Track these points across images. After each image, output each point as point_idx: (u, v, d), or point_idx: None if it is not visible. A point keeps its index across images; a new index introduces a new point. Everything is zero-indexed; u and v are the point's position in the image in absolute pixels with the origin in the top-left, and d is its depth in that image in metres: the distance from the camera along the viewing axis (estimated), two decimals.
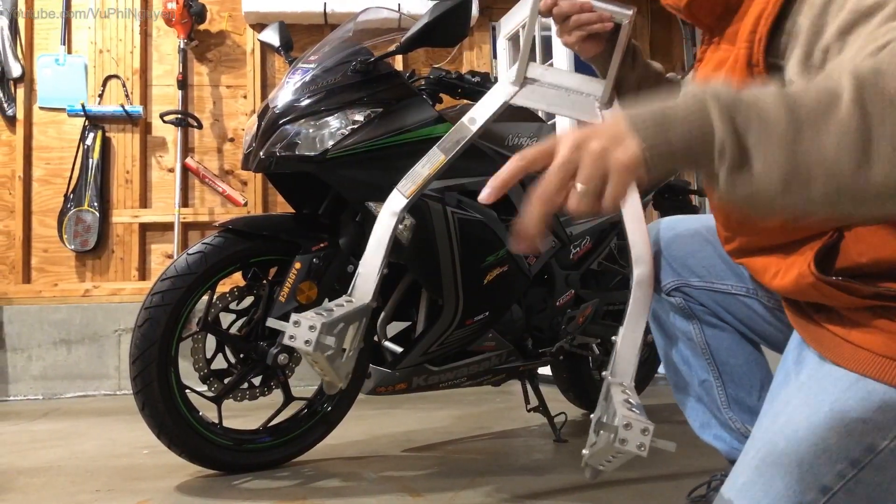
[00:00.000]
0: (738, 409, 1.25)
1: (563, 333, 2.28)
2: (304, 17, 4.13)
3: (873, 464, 0.80)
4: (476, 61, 4.39)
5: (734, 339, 1.25)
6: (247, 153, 1.87)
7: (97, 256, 4.03)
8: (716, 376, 1.26)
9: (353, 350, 0.99)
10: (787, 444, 0.84)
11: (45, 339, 3.82)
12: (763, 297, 1.18)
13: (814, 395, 0.86)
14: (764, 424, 0.92)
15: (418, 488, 1.63)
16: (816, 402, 0.85)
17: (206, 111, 4.19)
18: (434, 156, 1.07)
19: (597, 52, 0.95)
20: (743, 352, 1.26)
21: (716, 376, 1.26)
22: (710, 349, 1.25)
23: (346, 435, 2.31)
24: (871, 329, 0.84)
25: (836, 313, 0.89)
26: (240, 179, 4.18)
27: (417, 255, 1.82)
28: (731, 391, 1.26)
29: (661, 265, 1.25)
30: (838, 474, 0.80)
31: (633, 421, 0.88)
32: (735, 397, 1.25)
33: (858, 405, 0.81)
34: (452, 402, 3.14)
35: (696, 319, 1.25)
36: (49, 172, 4.04)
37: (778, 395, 0.94)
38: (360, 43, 1.95)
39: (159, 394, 1.69)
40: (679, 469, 1.77)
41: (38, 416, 3.11)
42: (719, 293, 1.22)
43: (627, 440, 0.88)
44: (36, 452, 2.21)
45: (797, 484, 0.81)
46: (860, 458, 0.80)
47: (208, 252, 1.74)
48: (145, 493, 1.65)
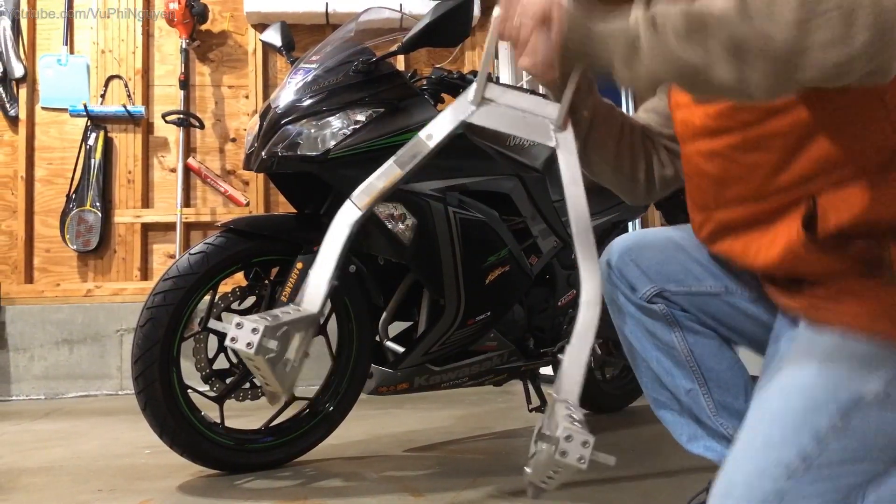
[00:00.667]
0: (727, 414, 1.24)
1: (564, 333, 2.28)
2: (305, 17, 4.14)
3: (860, 412, 0.87)
4: (478, 61, 4.39)
5: (716, 343, 1.24)
6: (249, 153, 1.87)
7: (99, 256, 4.03)
8: (701, 383, 1.24)
9: (299, 360, 0.97)
10: (781, 402, 0.91)
11: (48, 338, 3.83)
12: (743, 291, 1.18)
13: (803, 358, 0.92)
14: (759, 395, 0.97)
15: (420, 488, 1.63)
16: (806, 363, 0.91)
17: (208, 111, 4.19)
18: (390, 169, 1.07)
19: (552, 78, 0.98)
20: (725, 356, 1.25)
21: (701, 383, 1.24)
22: (694, 356, 1.23)
23: (347, 435, 2.31)
24: (851, 290, 0.91)
25: (817, 283, 0.95)
26: (242, 179, 4.18)
27: (419, 254, 1.82)
28: (717, 397, 1.24)
29: (636, 275, 1.24)
30: (830, 425, 0.87)
31: (574, 433, 0.88)
32: (723, 403, 1.24)
33: (845, 361, 0.89)
34: (454, 402, 3.14)
35: (679, 327, 1.24)
36: (51, 172, 4.05)
37: (768, 369, 0.99)
38: (362, 43, 1.95)
39: (161, 394, 1.69)
40: (680, 468, 1.77)
41: (40, 415, 3.12)
42: (699, 296, 1.21)
43: (568, 452, 0.88)
44: (38, 452, 2.22)
45: (793, 434, 0.88)
46: (848, 408, 0.87)
47: (210, 252, 1.75)
48: (147, 493, 1.65)
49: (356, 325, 1.94)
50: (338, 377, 1.96)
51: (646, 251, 1.25)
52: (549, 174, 2.14)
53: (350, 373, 1.95)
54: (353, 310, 1.94)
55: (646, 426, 2.43)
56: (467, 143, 1.91)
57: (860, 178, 0.89)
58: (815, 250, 0.92)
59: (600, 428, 2.41)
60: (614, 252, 1.26)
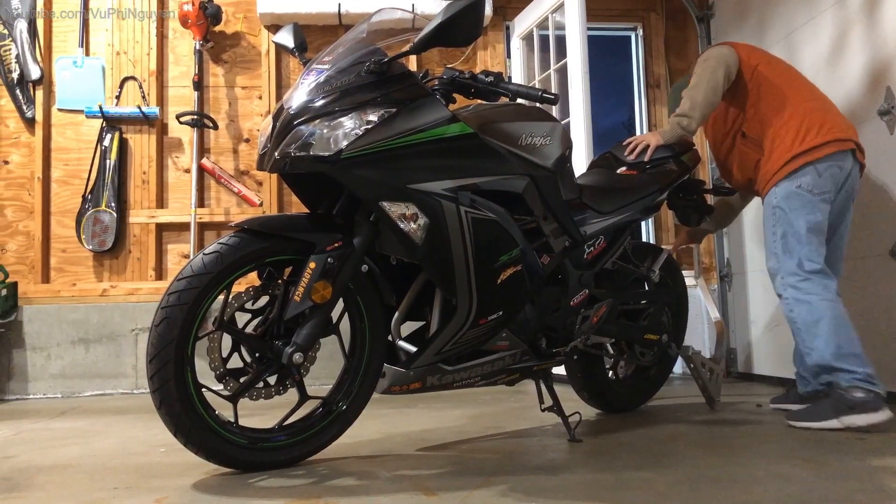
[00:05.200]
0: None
1: (577, 333, 2.27)
2: (318, 17, 4.15)
3: (780, 213, 2.47)
4: (490, 61, 4.39)
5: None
6: (262, 154, 1.88)
7: (114, 256, 4.07)
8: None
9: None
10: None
11: (64, 338, 3.87)
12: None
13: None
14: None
15: (433, 487, 1.64)
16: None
17: (222, 112, 4.22)
18: None
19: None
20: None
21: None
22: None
23: (360, 434, 2.32)
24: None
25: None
26: (255, 180, 4.21)
27: (431, 254, 1.82)
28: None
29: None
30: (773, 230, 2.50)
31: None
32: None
33: (768, 201, 2.54)
34: (467, 401, 3.14)
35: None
36: (67, 173, 4.09)
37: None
38: (374, 43, 1.95)
39: (176, 392, 1.70)
40: (694, 469, 1.76)
41: (56, 414, 3.15)
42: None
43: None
44: (55, 450, 2.24)
45: (770, 235, 2.51)
46: (776, 214, 2.49)
47: (224, 252, 1.75)
48: (162, 491, 1.67)
49: (369, 324, 1.95)
50: (351, 376, 1.97)
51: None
52: (560, 174, 2.14)
53: (363, 372, 1.96)
54: (365, 309, 1.94)
55: (659, 426, 2.42)
56: (479, 142, 1.91)
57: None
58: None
59: (613, 428, 2.40)
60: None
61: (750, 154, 2.59)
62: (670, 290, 2.75)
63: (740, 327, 3.97)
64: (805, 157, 2.43)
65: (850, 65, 2.94)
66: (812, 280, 2.37)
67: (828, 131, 2.45)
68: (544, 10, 4.00)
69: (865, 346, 2.34)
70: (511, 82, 1.98)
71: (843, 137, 2.47)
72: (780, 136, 2.49)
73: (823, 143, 2.44)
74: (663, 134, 2.58)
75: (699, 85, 2.56)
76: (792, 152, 2.45)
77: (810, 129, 2.45)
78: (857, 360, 2.29)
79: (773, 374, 3.60)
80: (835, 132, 2.46)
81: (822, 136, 2.44)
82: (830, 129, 2.46)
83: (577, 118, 3.64)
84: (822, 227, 2.44)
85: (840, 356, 2.29)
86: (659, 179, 2.57)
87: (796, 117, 2.49)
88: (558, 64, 3.95)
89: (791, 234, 2.42)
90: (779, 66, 2.65)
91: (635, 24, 4.53)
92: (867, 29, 2.87)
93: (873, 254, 2.81)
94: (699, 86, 2.55)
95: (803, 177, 2.43)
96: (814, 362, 2.36)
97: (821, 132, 2.45)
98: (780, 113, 2.51)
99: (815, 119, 2.48)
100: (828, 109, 2.55)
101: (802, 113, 2.49)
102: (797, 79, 2.63)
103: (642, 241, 4.22)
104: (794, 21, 3.35)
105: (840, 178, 2.47)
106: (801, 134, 2.45)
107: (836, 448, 1.99)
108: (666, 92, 4.43)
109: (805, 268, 2.38)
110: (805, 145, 2.44)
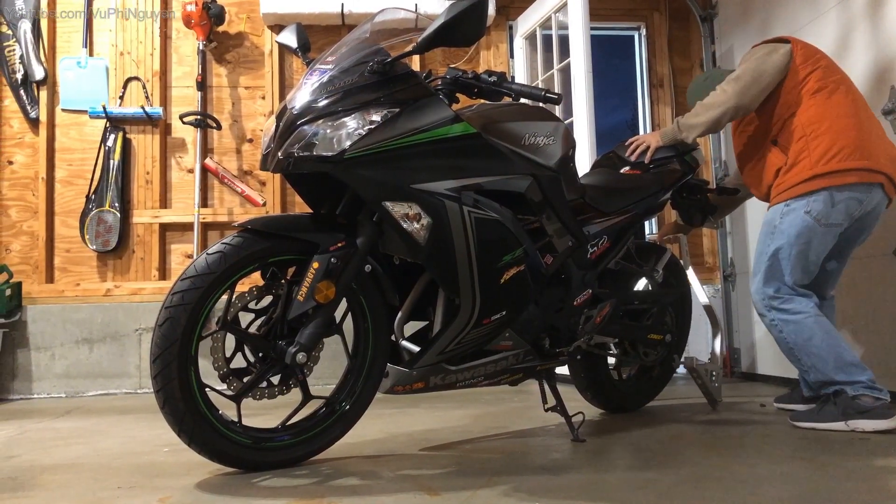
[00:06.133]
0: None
1: (580, 333, 2.27)
2: (321, 18, 4.15)
3: (778, 232, 2.39)
4: (493, 61, 4.39)
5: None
6: (265, 154, 1.88)
7: (118, 256, 4.08)
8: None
9: None
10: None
11: (68, 338, 3.87)
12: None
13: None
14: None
15: (436, 487, 1.64)
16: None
17: (225, 112, 4.22)
18: None
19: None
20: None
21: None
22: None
23: (364, 433, 2.32)
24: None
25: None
26: (258, 180, 4.21)
27: (434, 254, 1.82)
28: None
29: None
30: (767, 243, 2.43)
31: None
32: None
33: (772, 215, 2.45)
34: (470, 401, 3.14)
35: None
36: (71, 173, 4.10)
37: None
38: (377, 43, 1.95)
39: (179, 392, 1.70)
40: (698, 469, 1.76)
41: (60, 413, 3.16)
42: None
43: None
44: (59, 449, 2.25)
45: (762, 249, 2.45)
46: (775, 231, 2.40)
47: (227, 252, 1.76)
48: (166, 491, 1.67)
49: (372, 324, 1.95)
50: (354, 376, 1.97)
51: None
52: (564, 173, 2.13)
53: (366, 372, 1.96)
54: (368, 309, 1.94)
55: (662, 426, 2.42)
56: (482, 142, 1.91)
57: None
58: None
59: (617, 428, 2.40)
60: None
61: (774, 161, 2.45)
62: (674, 290, 2.74)
63: (744, 327, 3.96)
64: (824, 181, 2.29)
65: (854, 64, 2.93)
66: (794, 300, 2.35)
67: (858, 157, 2.28)
68: (547, 9, 4.00)
69: (869, 346, 2.33)
70: (514, 82, 1.98)
71: (874, 168, 2.30)
72: (809, 149, 2.33)
73: (847, 169, 2.28)
74: (663, 135, 2.57)
75: (717, 105, 2.43)
76: (813, 171, 2.31)
77: (841, 151, 2.28)
78: (857, 368, 2.27)
79: (776, 374, 3.59)
80: (864, 160, 2.29)
81: (849, 162, 2.28)
82: (862, 155, 2.29)
83: (580, 118, 3.64)
84: (819, 258, 2.37)
85: (840, 369, 2.27)
86: (662, 179, 2.56)
87: (830, 134, 2.31)
88: (561, 64, 3.95)
89: (783, 255, 2.36)
90: (834, 74, 2.44)
91: (638, 24, 4.52)
92: (871, 28, 2.86)
93: (878, 254, 2.80)
94: (716, 105, 2.44)
95: (815, 202, 2.30)
96: (816, 380, 2.34)
97: (851, 157, 2.28)
98: (817, 125, 2.33)
99: (848, 140, 2.30)
100: (866, 131, 2.35)
101: (837, 130, 2.31)
102: (845, 92, 2.40)
103: (645, 240, 4.21)
104: (798, 20, 3.35)
105: (856, 212, 2.33)
106: (830, 154, 2.29)
107: (841, 449, 1.99)
108: (669, 91, 4.42)
109: (785, 291, 2.35)
110: (828, 167, 2.29)
